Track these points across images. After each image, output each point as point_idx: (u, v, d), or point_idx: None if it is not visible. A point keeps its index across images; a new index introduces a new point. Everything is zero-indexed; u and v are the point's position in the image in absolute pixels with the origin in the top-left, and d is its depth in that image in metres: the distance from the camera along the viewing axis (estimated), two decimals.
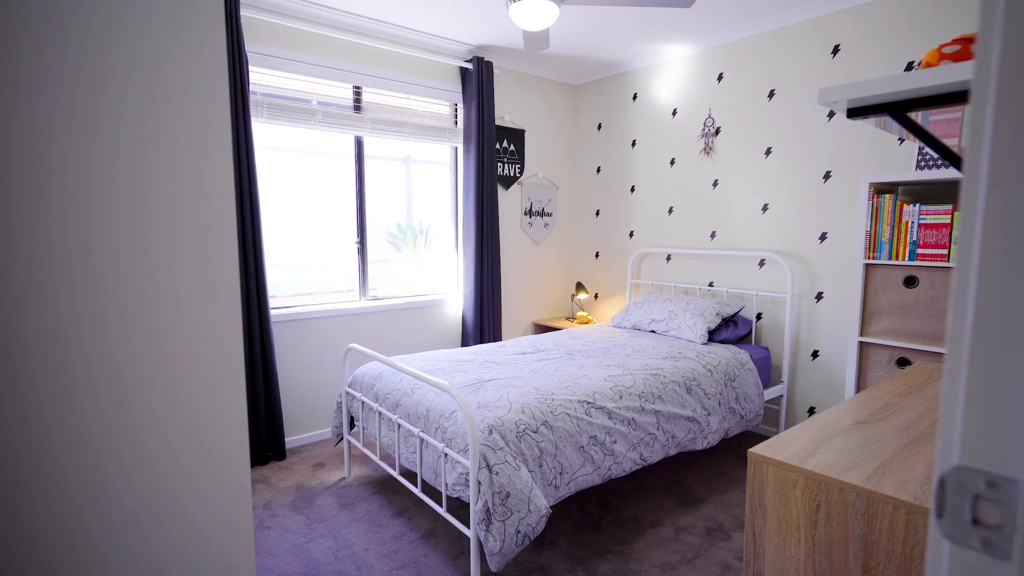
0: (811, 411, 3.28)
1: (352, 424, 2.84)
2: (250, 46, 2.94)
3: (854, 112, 0.99)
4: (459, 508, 2.51)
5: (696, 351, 3.02)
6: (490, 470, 1.87)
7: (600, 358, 2.89)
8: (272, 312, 3.14)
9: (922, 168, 2.70)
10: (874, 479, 1.05)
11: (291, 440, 3.27)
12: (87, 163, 0.86)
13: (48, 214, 0.83)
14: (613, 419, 2.30)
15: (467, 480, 1.95)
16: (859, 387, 2.71)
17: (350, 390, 2.75)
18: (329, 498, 2.64)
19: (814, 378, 3.26)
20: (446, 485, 2.05)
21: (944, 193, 2.68)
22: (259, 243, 2.93)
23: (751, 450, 1.19)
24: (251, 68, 2.97)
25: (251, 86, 2.99)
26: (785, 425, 3.39)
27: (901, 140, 2.83)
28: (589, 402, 2.28)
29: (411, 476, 2.78)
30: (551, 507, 2.19)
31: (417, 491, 2.26)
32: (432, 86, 3.70)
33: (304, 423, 3.32)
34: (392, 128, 3.55)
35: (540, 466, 2.02)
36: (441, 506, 2.15)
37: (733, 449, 3.26)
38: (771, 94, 3.34)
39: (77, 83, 0.84)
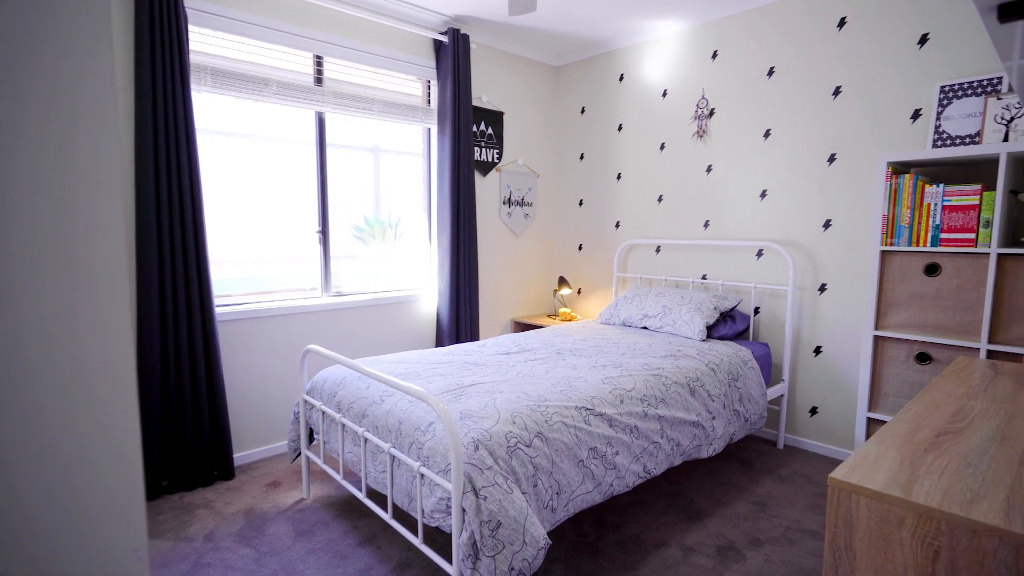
0: (813, 411, 3.06)
1: (311, 437, 2.48)
2: (189, 1, 2.54)
3: (1008, 9, 0.71)
4: (438, 534, 2.17)
5: (696, 348, 2.76)
6: (477, 494, 1.55)
7: (594, 358, 2.60)
8: (218, 311, 2.74)
9: (938, 146, 2.49)
10: (1016, 515, 0.77)
11: (241, 456, 2.87)
12: None
13: None
14: (614, 427, 2.01)
15: (449, 507, 1.62)
16: (873, 385, 2.49)
17: (309, 398, 2.39)
18: (284, 525, 2.27)
19: (817, 376, 3.04)
20: (423, 512, 1.72)
21: (966, 173, 2.48)
22: (201, 233, 2.53)
23: (832, 476, 0.91)
24: (191, 28, 2.57)
25: (191, 49, 2.59)
26: (786, 427, 3.16)
27: (914, 118, 2.63)
28: (588, 408, 1.98)
29: (381, 497, 2.43)
30: (547, 532, 1.88)
31: (387, 517, 1.92)
32: (403, 59, 3.35)
33: (256, 436, 2.92)
34: (358, 105, 3.18)
35: (535, 486, 1.70)
36: (417, 536, 1.81)
37: (733, 454, 3.01)
38: (770, 72, 3.11)
39: None
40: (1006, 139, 2.29)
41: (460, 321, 3.57)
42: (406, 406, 1.92)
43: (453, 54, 3.40)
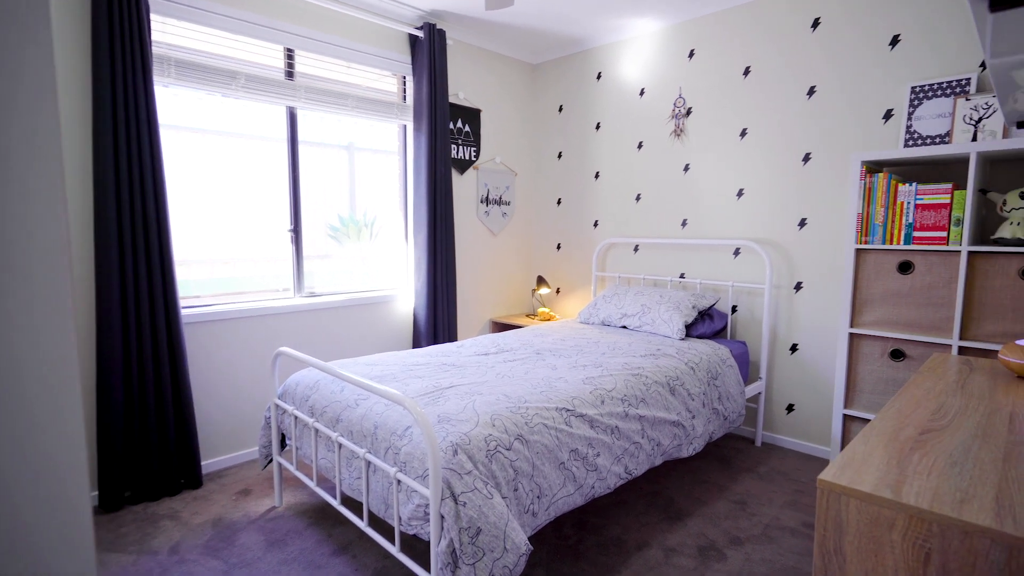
0: (790, 408, 3.08)
1: (283, 443, 2.39)
2: None
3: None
4: (416, 541, 2.12)
5: (676, 347, 2.75)
6: (456, 500, 1.50)
7: (574, 357, 2.57)
8: (185, 312, 2.63)
9: (910, 146, 2.53)
10: (1006, 515, 0.76)
11: (209, 463, 2.76)
12: None
13: None
14: (596, 428, 1.98)
15: (426, 513, 1.57)
16: (849, 383, 2.51)
17: (280, 402, 2.30)
18: (254, 534, 2.18)
19: (793, 373, 3.07)
20: (400, 520, 1.66)
21: (936, 172, 2.52)
22: (165, 233, 2.42)
23: (821, 478, 0.89)
24: (153, 17, 2.46)
25: (153, 40, 2.47)
26: (764, 424, 3.19)
27: (886, 118, 2.66)
28: (568, 409, 1.94)
29: (356, 504, 2.36)
30: (528, 537, 1.84)
31: (363, 525, 1.85)
32: (378, 54, 3.28)
33: (225, 442, 2.82)
34: (331, 100, 3.10)
35: (515, 490, 1.66)
36: (394, 544, 1.75)
37: (712, 452, 3.01)
38: (746, 71, 3.12)
39: None
40: (974, 139, 2.33)
41: (438, 321, 3.51)
42: (382, 410, 1.86)
43: (429, 49, 3.34)
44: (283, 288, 3.09)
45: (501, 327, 4.17)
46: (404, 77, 3.50)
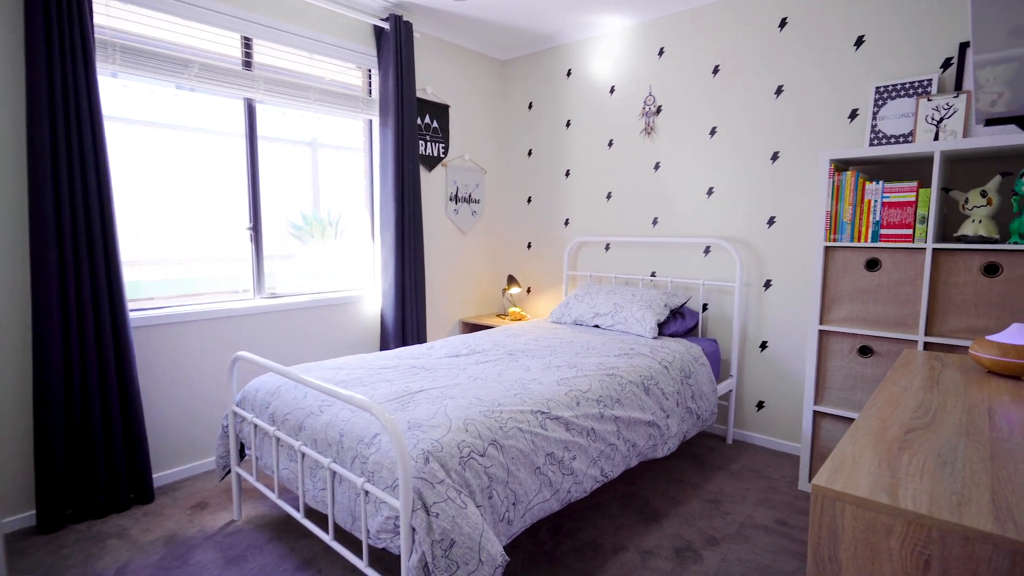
0: (760, 405, 3.10)
1: (243, 453, 2.26)
2: None
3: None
4: (385, 555, 2.02)
5: (649, 346, 2.73)
6: (428, 511, 1.42)
7: (547, 358, 2.51)
8: (134, 315, 2.47)
9: (875, 145, 2.57)
10: (1006, 519, 0.73)
11: (162, 476, 2.60)
12: None
13: None
14: (571, 430, 1.93)
15: (396, 526, 1.48)
16: (818, 379, 2.54)
17: (239, 410, 2.17)
18: (211, 551, 2.05)
19: (763, 371, 3.09)
20: (368, 533, 1.57)
21: (899, 171, 2.57)
22: (110, 232, 2.26)
23: (815, 483, 0.85)
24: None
25: (96, 24, 2.31)
26: (735, 421, 3.20)
27: (852, 117, 2.70)
28: (544, 412, 1.88)
29: (321, 516, 2.25)
30: (503, 546, 1.76)
31: (328, 539, 1.75)
32: (342, 46, 3.15)
33: (180, 453, 2.66)
34: (292, 93, 2.96)
35: (490, 498, 1.59)
36: (361, 558, 1.66)
37: (685, 451, 3.01)
38: (715, 70, 3.13)
39: None
40: (936, 138, 2.38)
41: (406, 323, 3.41)
42: (348, 416, 1.76)
43: (395, 42, 3.23)
44: (243, 289, 2.94)
45: (472, 327, 4.09)
46: (369, 70, 3.39)
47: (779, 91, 2.91)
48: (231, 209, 2.87)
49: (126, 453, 2.36)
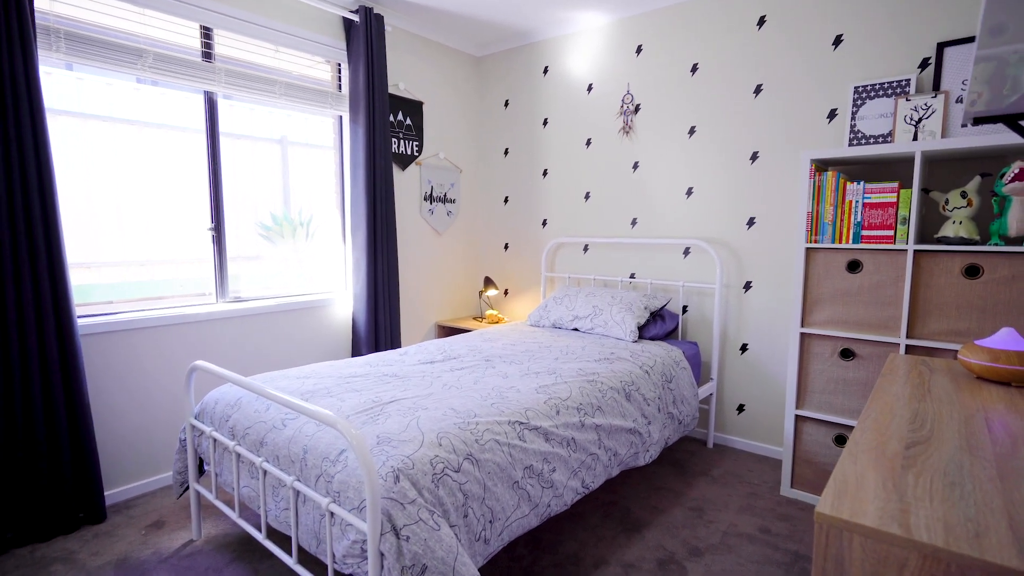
0: (740, 408, 3.07)
1: (201, 469, 2.12)
2: None
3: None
4: None
5: (629, 350, 2.66)
6: (397, 535, 1.32)
7: (526, 364, 2.42)
8: (82, 322, 2.30)
9: (854, 145, 2.54)
10: None
11: (115, 493, 2.43)
12: None
13: None
14: (551, 441, 1.84)
15: (364, 550, 1.38)
16: (800, 383, 2.50)
17: (197, 423, 2.03)
18: (167, 574, 1.91)
19: (744, 374, 3.05)
20: (333, 557, 1.46)
21: (878, 172, 2.55)
22: (54, 232, 2.09)
23: (819, 511, 0.77)
24: None
25: (37, 9, 2.14)
26: (716, 425, 3.16)
27: (831, 117, 2.68)
28: (522, 422, 1.79)
29: (284, 538, 2.12)
30: (480, 567, 1.67)
31: (291, 562, 1.63)
32: (309, 38, 3.01)
33: (134, 469, 2.49)
34: (257, 87, 2.81)
35: (465, 516, 1.50)
36: None
37: (666, 457, 2.95)
38: (694, 68, 3.08)
39: None
40: (915, 139, 2.36)
41: (379, 327, 3.29)
42: (312, 431, 1.64)
43: (365, 35, 3.11)
44: (205, 293, 2.78)
45: (448, 331, 3.98)
46: (339, 64, 3.26)
47: (758, 90, 2.87)
48: (195, 209, 2.71)
49: (74, 469, 2.19)
